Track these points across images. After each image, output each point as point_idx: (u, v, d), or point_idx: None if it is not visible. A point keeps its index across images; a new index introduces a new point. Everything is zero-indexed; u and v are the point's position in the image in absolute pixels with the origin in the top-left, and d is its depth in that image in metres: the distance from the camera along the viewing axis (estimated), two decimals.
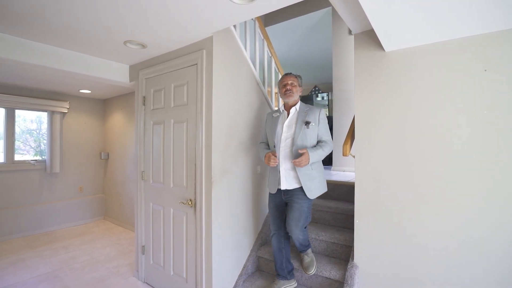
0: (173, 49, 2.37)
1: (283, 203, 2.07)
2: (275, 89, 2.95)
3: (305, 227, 2.03)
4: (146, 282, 2.67)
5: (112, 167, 4.68)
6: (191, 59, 2.21)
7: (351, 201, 2.62)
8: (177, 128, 2.33)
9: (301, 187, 1.93)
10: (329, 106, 6.56)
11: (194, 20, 1.85)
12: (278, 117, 2.09)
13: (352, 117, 3.41)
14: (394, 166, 1.81)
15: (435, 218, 1.67)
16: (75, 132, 4.55)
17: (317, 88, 6.78)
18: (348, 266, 1.96)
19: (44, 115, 4.38)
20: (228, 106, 2.21)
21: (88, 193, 4.72)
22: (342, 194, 2.73)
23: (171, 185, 2.37)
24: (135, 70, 2.81)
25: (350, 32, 3.53)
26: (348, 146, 2.08)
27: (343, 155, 2.08)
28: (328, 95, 6.55)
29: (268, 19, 4.13)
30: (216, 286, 2.11)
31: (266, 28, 4.06)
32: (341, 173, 3.46)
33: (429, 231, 1.69)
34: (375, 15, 1.39)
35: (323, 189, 2.03)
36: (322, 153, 1.91)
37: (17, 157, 4.06)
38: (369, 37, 1.90)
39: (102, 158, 4.77)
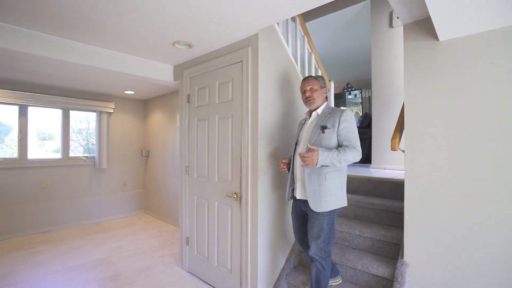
0: (218, 48, 2.46)
1: (303, 213, 1.89)
2: None
3: (327, 248, 1.77)
4: (190, 272, 2.79)
5: (152, 164, 4.94)
6: (236, 56, 2.28)
7: (396, 198, 2.55)
8: (222, 124, 2.41)
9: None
10: (363, 103, 6.39)
11: (241, 18, 1.91)
12: (303, 123, 1.96)
13: (396, 112, 3.32)
14: (449, 160, 1.73)
15: (496, 215, 1.58)
16: (119, 130, 4.86)
17: (349, 86, 6.63)
18: (398, 264, 1.90)
19: (91, 115, 4.73)
20: (272, 102, 2.25)
21: (131, 188, 5.02)
22: (386, 191, 2.65)
23: (216, 179, 2.45)
24: (179, 70, 2.95)
25: (391, 24, 3.41)
26: (396, 140, 2.02)
27: (391, 149, 2.03)
28: (361, 92, 6.38)
29: (304, 16, 4.12)
30: (261, 279, 2.16)
31: None
32: (381, 171, 3.36)
33: (488, 230, 1.60)
34: (434, 1, 1.35)
35: (339, 203, 1.74)
36: (339, 157, 1.60)
37: (71, 154, 4.43)
38: (420, 27, 1.84)
39: (143, 155, 5.05)
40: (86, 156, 4.53)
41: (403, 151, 1.96)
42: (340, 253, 2.25)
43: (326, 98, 1.92)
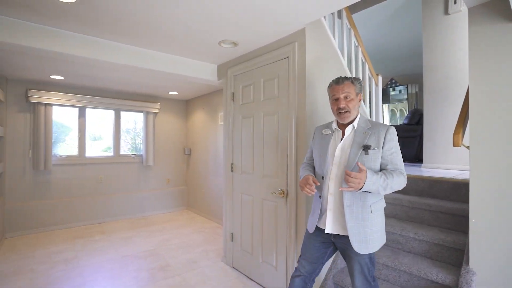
0: (263, 45, 2.47)
1: (327, 245, 1.56)
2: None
3: (373, 280, 1.52)
4: (234, 267, 2.83)
5: (194, 162, 5.12)
6: (282, 52, 2.26)
7: (455, 199, 2.35)
8: (268, 121, 2.42)
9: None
10: (408, 100, 5.99)
11: (289, 13, 1.89)
12: (329, 135, 1.56)
13: (452, 107, 3.06)
14: None
15: None
16: (164, 130, 5.12)
17: (393, 81, 6.27)
18: (462, 271, 1.74)
19: (138, 116, 5.04)
20: (320, 97, 2.20)
21: (174, 184, 5.26)
22: (442, 192, 2.45)
23: (262, 176, 2.46)
24: (223, 69, 3.02)
25: (446, 11, 3.15)
26: (459, 135, 1.86)
27: (454, 145, 1.87)
28: (407, 87, 5.99)
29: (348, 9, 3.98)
30: None
31: None
32: (434, 171, 3.12)
33: None
34: None
35: (383, 239, 1.48)
36: (386, 183, 1.31)
37: (121, 152, 4.77)
38: (490, 9, 1.66)
39: (186, 153, 5.26)
40: (135, 154, 4.85)
41: (468, 147, 1.79)
42: (392, 256, 2.13)
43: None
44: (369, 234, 1.40)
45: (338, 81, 1.49)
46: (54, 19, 2.04)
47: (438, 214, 2.27)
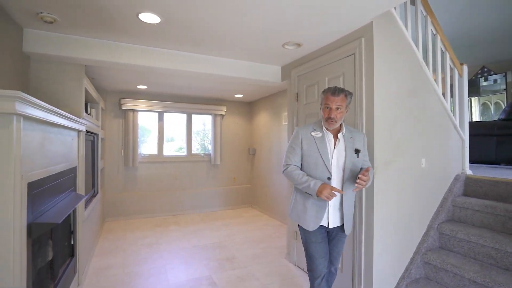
0: (327, 43, 2.44)
1: (325, 236, 1.76)
2: (441, 73, 2.54)
3: None
4: (297, 266, 2.85)
5: (258, 161, 5.30)
6: (348, 49, 2.20)
7: None
8: None
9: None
10: (507, 90, 5.05)
11: (354, 8, 1.84)
12: (322, 138, 1.69)
13: None
14: None
15: None
16: (230, 131, 5.44)
17: (485, 69, 5.36)
18: None
19: (207, 118, 5.46)
20: (389, 94, 2.07)
21: (239, 183, 5.53)
22: None
23: None
24: (286, 70, 3.08)
25: None
26: None
27: None
28: (505, 76, 5.06)
29: None
30: (376, 283, 2.00)
31: None
32: None
33: None
34: None
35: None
36: (371, 178, 1.71)
37: (192, 151, 5.25)
38: None
39: (250, 153, 5.49)
40: (204, 153, 5.27)
41: None
42: (481, 271, 1.87)
43: None
44: (353, 217, 1.82)
45: (335, 93, 1.64)
46: (143, 39, 2.40)
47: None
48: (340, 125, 1.73)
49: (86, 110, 2.85)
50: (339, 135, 1.71)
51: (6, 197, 1.11)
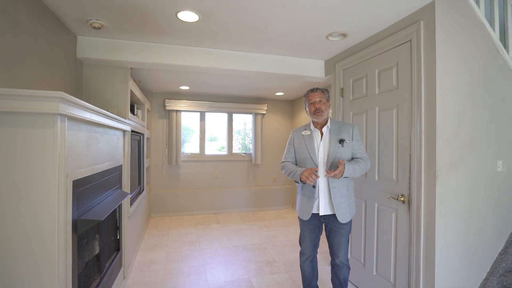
0: (377, 31, 2.19)
1: (319, 225, 1.92)
2: None
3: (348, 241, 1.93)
4: None
5: None
6: (402, 36, 1.94)
7: None
8: (384, 116, 2.13)
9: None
10: None
11: None
12: (310, 136, 1.89)
13: None
14: None
15: None
16: (270, 130, 5.34)
17: None
18: None
19: (247, 117, 5.43)
20: (456, 85, 1.77)
21: (280, 183, 5.40)
22: None
23: (376, 178, 2.19)
24: (330, 64, 2.87)
25: None
26: None
27: None
28: None
29: None
30: None
31: None
32: None
33: None
34: None
35: (354, 211, 1.88)
36: (358, 169, 1.74)
37: (233, 151, 5.26)
38: None
39: None
40: (245, 153, 5.25)
41: None
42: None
43: None
44: (348, 207, 1.82)
45: (313, 90, 1.89)
46: (182, 39, 2.41)
47: None
48: (327, 120, 1.89)
49: (132, 111, 2.98)
50: (324, 129, 1.87)
51: (51, 195, 1.15)
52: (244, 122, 5.60)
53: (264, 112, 5.18)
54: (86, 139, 1.46)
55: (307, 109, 1.92)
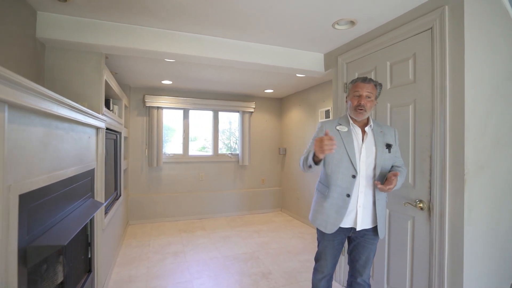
0: (391, 19, 1.98)
1: (344, 240, 1.63)
2: None
3: None
4: (344, 286, 2.41)
5: (289, 162, 4.88)
6: (422, 23, 1.73)
7: None
8: (397, 113, 1.92)
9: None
10: None
11: None
12: (348, 133, 1.55)
13: None
14: None
15: None
16: (259, 129, 5.06)
17: None
18: None
19: (233, 116, 5.11)
20: (484, 79, 1.58)
21: (268, 185, 5.14)
22: None
23: None
24: (331, 57, 2.64)
25: None
26: None
27: None
28: None
29: None
30: None
31: None
32: None
33: None
34: None
35: None
36: (401, 181, 1.51)
37: (219, 151, 4.93)
38: None
39: (280, 153, 5.08)
40: (231, 153, 4.93)
41: None
42: None
43: None
44: (386, 220, 1.73)
45: (365, 80, 1.53)
46: (168, 20, 2.06)
47: None
48: (368, 118, 1.59)
49: (108, 106, 2.59)
50: (367, 128, 1.57)
51: None
52: (229, 121, 5.28)
53: (252, 110, 4.89)
54: (42, 137, 1.10)
55: (348, 99, 1.60)
